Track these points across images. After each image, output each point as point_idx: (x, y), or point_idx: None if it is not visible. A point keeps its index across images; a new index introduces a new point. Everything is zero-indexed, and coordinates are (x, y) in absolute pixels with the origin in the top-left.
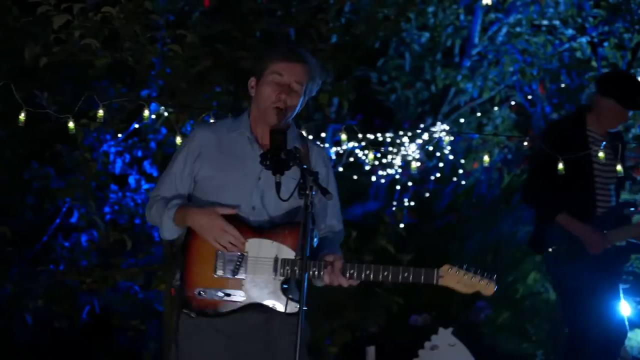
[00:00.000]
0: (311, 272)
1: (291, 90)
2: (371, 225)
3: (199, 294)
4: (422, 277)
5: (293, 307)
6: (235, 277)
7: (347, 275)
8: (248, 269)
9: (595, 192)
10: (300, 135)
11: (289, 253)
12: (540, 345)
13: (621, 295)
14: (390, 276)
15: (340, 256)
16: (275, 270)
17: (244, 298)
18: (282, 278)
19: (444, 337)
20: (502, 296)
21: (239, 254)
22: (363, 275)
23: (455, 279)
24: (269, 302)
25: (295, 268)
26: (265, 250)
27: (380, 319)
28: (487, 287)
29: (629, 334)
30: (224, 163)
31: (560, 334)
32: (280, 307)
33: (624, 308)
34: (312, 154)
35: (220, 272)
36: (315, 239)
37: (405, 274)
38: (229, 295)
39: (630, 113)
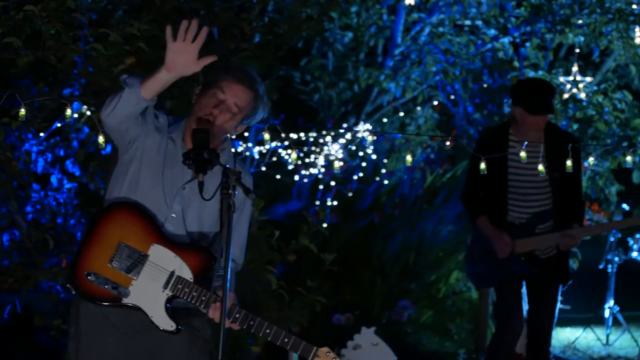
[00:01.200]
0: (199, 301)
1: (227, 109)
2: (294, 224)
3: (87, 275)
4: (300, 349)
5: (168, 325)
6: (128, 274)
7: (232, 318)
8: (143, 271)
9: (507, 197)
10: (234, 158)
11: (187, 273)
12: (463, 344)
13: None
14: (271, 336)
15: (232, 294)
16: (167, 284)
17: (128, 298)
18: (170, 294)
19: (367, 336)
20: (425, 295)
21: (141, 253)
22: (245, 325)
23: None
24: (150, 312)
25: (186, 290)
26: (165, 261)
27: (303, 318)
28: None
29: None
30: (155, 162)
31: (483, 333)
32: (157, 322)
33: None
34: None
35: (115, 264)
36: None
37: (285, 340)
38: (115, 288)
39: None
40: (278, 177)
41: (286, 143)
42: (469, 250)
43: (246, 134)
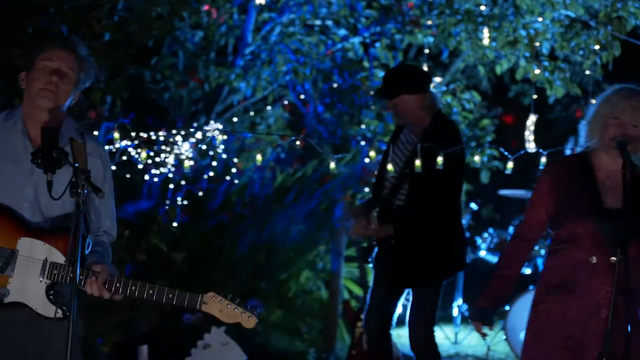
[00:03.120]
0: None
1: (62, 75)
2: (144, 224)
3: None
4: (186, 301)
5: (52, 313)
6: (3, 273)
7: (113, 288)
8: (17, 267)
9: (382, 187)
10: (77, 128)
11: (58, 257)
12: (313, 343)
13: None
14: (155, 295)
15: (107, 266)
16: (43, 272)
17: (9, 297)
18: (48, 282)
19: (217, 335)
20: (275, 295)
21: (10, 250)
22: (128, 291)
23: (219, 307)
24: (34, 305)
25: (62, 273)
26: (35, 251)
27: (153, 317)
28: (249, 321)
29: (400, 331)
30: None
31: (332, 332)
32: (43, 311)
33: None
34: (88, 148)
35: None
36: (89, 244)
37: (170, 296)
38: None
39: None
40: (128, 176)
41: (136, 142)
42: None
43: (96, 133)
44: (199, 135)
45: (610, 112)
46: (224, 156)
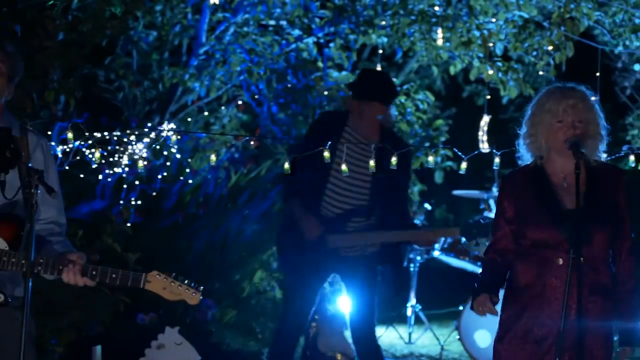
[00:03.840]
0: (37, 269)
1: None
2: (98, 224)
3: None
4: (130, 280)
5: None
6: None
7: (89, 275)
8: None
9: (325, 189)
10: (17, 122)
11: (2, 244)
12: (266, 343)
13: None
14: (98, 276)
15: (83, 254)
16: None
17: None
18: None
19: (171, 336)
20: (229, 295)
21: None
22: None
23: (162, 285)
24: None
25: (4, 259)
26: None
27: (106, 318)
28: (193, 297)
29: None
30: None
31: None
32: None
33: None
34: (30, 143)
35: None
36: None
37: (114, 276)
38: None
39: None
40: (82, 176)
41: (90, 142)
42: (280, 240)
43: (50, 133)
44: (153, 135)
45: (551, 118)
46: (178, 156)
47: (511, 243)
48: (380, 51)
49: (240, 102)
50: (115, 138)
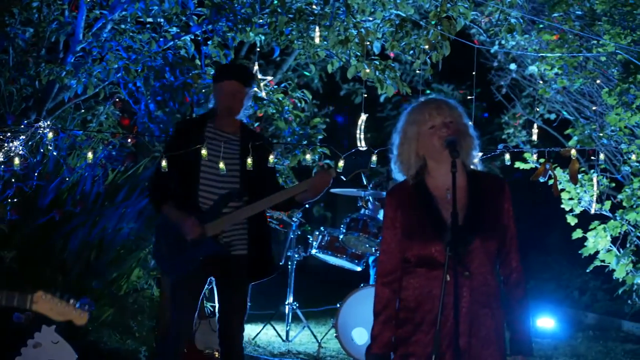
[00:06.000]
0: None
1: None
2: None
3: None
4: (16, 301)
5: None
6: None
7: None
8: None
9: (198, 186)
10: None
11: None
12: (144, 341)
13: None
14: None
15: None
16: None
17: None
18: None
19: (47, 334)
20: (106, 293)
21: None
22: None
23: (49, 305)
24: None
25: None
26: None
27: None
28: (80, 317)
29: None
30: None
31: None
32: None
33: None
34: None
35: None
36: None
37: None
38: None
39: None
40: None
41: None
42: (156, 245)
43: None
44: (29, 132)
45: (420, 129)
46: (55, 153)
47: (398, 263)
48: (258, 49)
49: (117, 100)
50: None
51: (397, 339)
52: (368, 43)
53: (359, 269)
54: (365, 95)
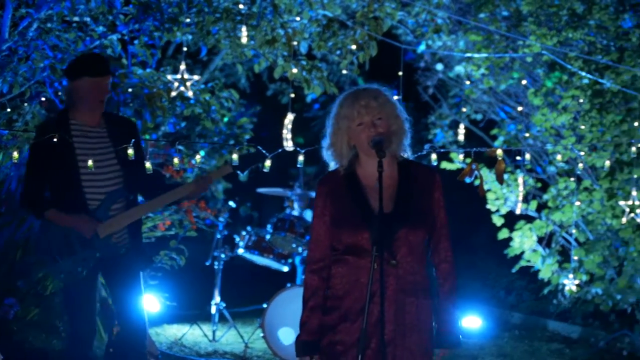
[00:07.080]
0: None
1: None
2: None
3: None
4: None
5: None
6: None
7: None
8: None
9: (82, 185)
10: None
11: None
12: None
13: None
14: None
15: None
16: None
17: None
18: None
19: None
20: (32, 293)
21: None
22: None
23: None
24: None
25: None
26: None
27: None
28: None
29: (158, 329)
30: None
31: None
32: None
33: (152, 304)
34: None
35: None
36: None
37: None
38: None
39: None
40: None
41: None
42: (46, 252)
43: None
44: None
45: (350, 124)
46: None
47: (327, 252)
48: (185, 49)
49: (43, 99)
50: None
51: (324, 326)
52: (295, 43)
53: (285, 269)
54: (293, 96)
